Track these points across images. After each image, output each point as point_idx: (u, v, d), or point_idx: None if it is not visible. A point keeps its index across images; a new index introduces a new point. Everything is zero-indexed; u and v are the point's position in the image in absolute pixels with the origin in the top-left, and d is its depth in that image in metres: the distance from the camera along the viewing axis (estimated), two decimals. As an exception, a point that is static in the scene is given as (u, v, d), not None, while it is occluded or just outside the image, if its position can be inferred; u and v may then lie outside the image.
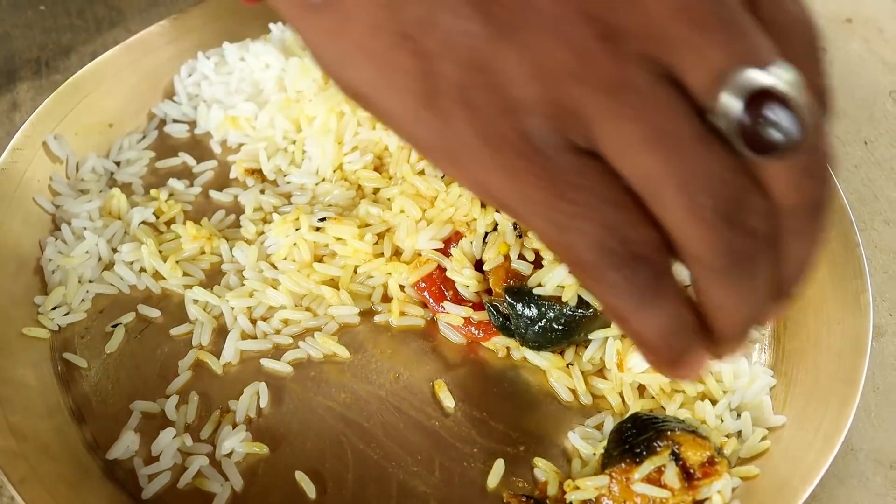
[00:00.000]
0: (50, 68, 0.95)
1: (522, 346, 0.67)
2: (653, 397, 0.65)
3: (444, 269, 0.69)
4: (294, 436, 0.65)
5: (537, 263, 0.66)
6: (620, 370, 0.64)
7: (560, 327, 0.63)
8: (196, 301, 0.71)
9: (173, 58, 0.86)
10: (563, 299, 0.63)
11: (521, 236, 0.66)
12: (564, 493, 0.58)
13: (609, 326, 0.65)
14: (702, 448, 0.56)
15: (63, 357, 0.68)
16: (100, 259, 0.73)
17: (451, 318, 0.68)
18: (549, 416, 0.66)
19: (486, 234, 0.69)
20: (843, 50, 1.03)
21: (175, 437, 0.63)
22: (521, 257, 0.66)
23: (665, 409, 0.64)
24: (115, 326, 0.70)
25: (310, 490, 0.62)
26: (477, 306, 0.69)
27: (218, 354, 0.68)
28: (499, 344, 0.68)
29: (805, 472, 0.58)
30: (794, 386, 0.66)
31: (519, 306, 0.64)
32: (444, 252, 0.70)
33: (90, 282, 0.72)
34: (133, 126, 0.84)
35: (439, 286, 0.69)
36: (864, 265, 0.69)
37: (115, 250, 0.73)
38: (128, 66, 0.84)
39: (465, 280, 0.68)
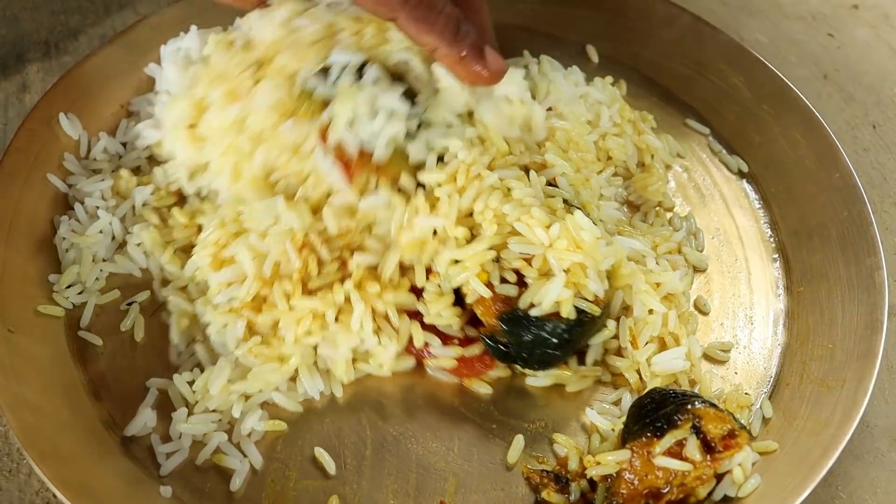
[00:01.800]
0: (59, 50, 0.94)
1: (525, 368, 0.65)
2: (656, 375, 0.65)
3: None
4: (312, 413, 0.65)
5: (520, 282, 0.62)
6: (635, 347, 0.64)
7: (562, 343, 0.61)
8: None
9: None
10: (563, 315, 0.60)
11: (497, 260, 0.62)
12: (585, 468, 0.58)
13: (604, 328, 0.65)
14: (722, 421, 0.56)
15: (78, 335, 0.68)
16: (113, 238, 0.73)
17: (442, 361, 0.65)
18: (566, 394, 0.66)
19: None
20: (851, 36, 1.03)
21: (189, 414, 0.63)
22: (503, 280, 0.62)
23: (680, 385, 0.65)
24: (129, 304, 0.70)
25: (329, 466, 0.62)
26: (464, 341, 0.65)
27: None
28: (493, 375, 0.66)
29: (825, 446, 0.58)
30: (811, 363, 0.67)
31: (518, 332, 0.61)
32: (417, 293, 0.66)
33: (104, 260, 0.72)
34: (145, 107, 0.83)
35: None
36: (878, 243, 0.69)
37: (128, 231, 0.73)
38: (141, 48, 0.83)
39: (447, 320, 0.64)
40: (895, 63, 1.00)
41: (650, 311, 0.66)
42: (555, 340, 0.60)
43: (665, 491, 0.55)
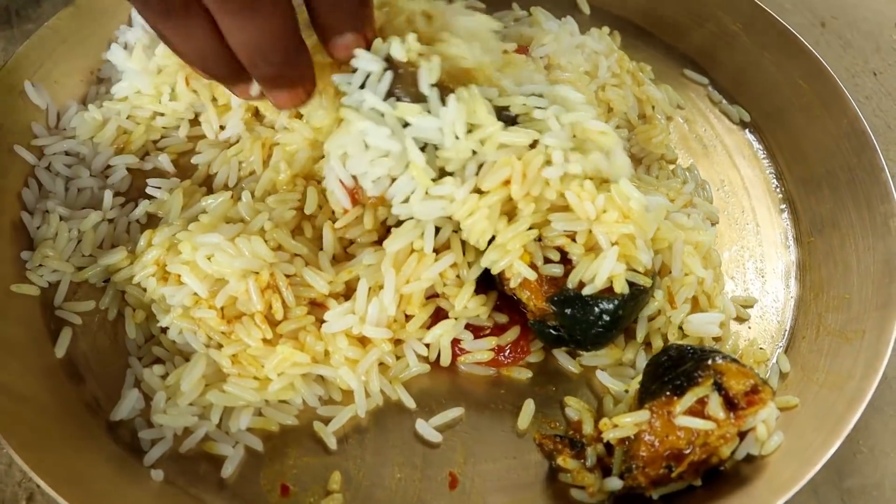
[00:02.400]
0: (21, 17, 0.89)
1: (578, 349, 0.62)
2: (686, 336, 0.62)
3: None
4: (310, 387, 0.61)
5: (564, 260, 0.59)
6: (673, 307, 0.61)
7: (615, 320, 0.57)
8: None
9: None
10: (617, 290, 0.57)
11: (539, 239, 0.59)
12: (601, 431, 0.56)
13: (652, 299, 0.61)
14: (745, 377, 0.54)
15: (56, 315, 0.63)
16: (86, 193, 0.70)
17: (477, 355, 0.62)
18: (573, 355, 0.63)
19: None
20: (846, -19, 1.00)
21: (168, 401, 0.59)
22: (547, 260, 0.59)
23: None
24: (106, 282, 0.66)
25: (330, 441, 0.58)
26: (496, 329, 0.62)
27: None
28: (532, 361, 0.63)
29: (849, 400, 0.56)
30: (827, 314, 0.64)
31: (572, 313, 0.58)
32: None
33: (80, 231, 0.67)
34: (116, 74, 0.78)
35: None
36: (891, 189, 0.67)
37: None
38: (107, 11, 0.78)
39: (474, 311, 0.61)
40: (892, 8, 0.98)
41: (687, 273, 0.62)
42: (608, 318, 0.57)
43: (687, 452, 0.53)
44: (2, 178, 0.68)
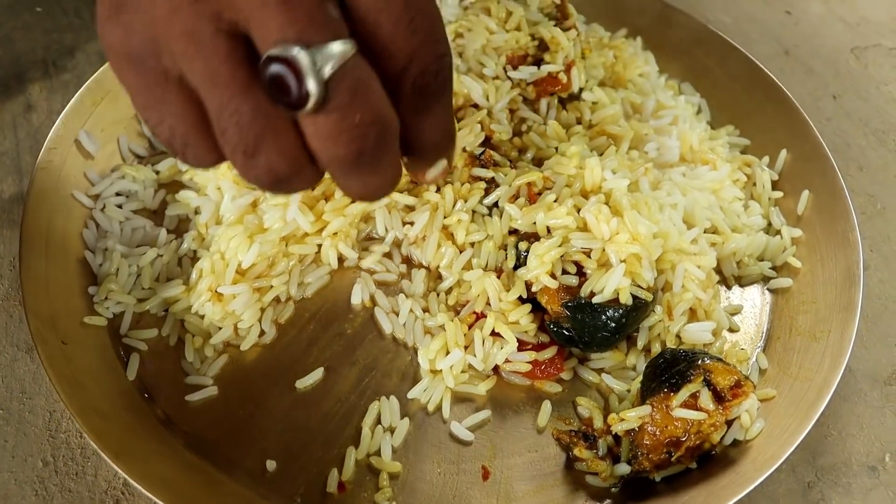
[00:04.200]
0: (58, 68, 0.97)
1: (585, 351, 0.71)
2: (683, 342, 0.72)
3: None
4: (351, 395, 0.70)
5: (578, 273, 0.68)
6: (670, 319, 0.71)
7: (619, 327, 0.67)
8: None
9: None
10: (622, 301, 0.66)
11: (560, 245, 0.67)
12: (610, 425, 0.65)
13: (652, 313, 0.70)
14: (730, 373, 0.63)
15: (123, 342, 0.72)
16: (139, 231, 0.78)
17: (518, 365, 0.70)
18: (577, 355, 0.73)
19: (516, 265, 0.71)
20: (806, 12, 1.11)
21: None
22: (564, 272, 0.68)
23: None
24: (166, 311, 0.74)
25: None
26: (537, 347, 0.70)
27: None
28: (564, 378, 0.71)
29: (818, 391, 0.66)
30: (798, 317, 0.74)
31: (581, 318, 0.67)
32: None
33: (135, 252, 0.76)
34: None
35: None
36: (849, 206, 0.77)
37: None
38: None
39: (525, 327, 0.69)
40: (848, 36, 1.08)
41: (686, 290, 0.71)
42: (612, 324, 0.66)
43: (684, 439, 0.62)
44: (66, 222, 0.76)
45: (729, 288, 0.78)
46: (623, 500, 0.65)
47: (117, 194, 0.80)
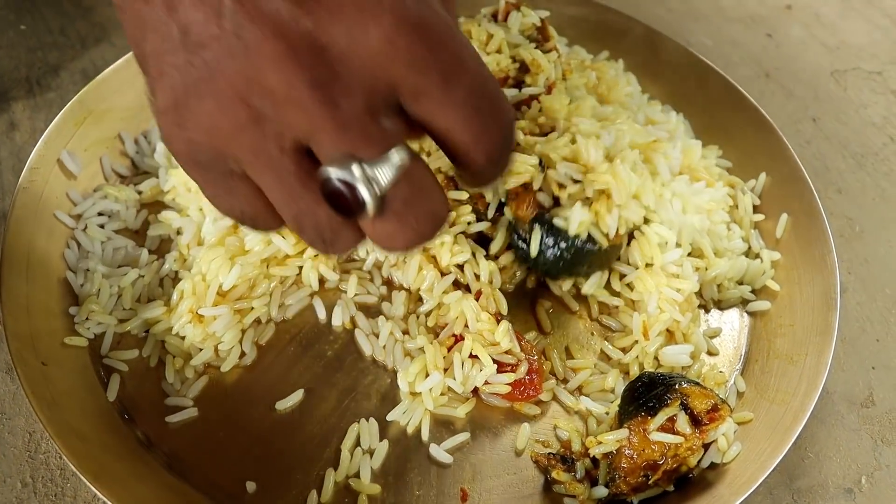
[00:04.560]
0: (42, 86, 0.97)
1: (533, 268, 0.74)
2: (661, 365, 0.73)
3: None
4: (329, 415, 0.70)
5: (555, 202, 0.72)
6: (646, 339, 0.71)
7: (569, 256, 0.71)
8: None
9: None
10: (578, 231, 0.70)
11: (543, 169, 0.71)
12: (587, 448, 0.65)
13: (605, 269, 0.74)
14: (706, 397, 0.64)
15: (104, 363, 0.71)
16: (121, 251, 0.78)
17: (497, 387, 0.70)
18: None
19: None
20: (786, 35, 1.12)
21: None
22: (541, 190, 0.72)
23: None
24: (147, 332, 0.74)
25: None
26: (512, 367, 0.70)
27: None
28: (543, 400, 0.71)
29: (794, 414, 0.66)
30: (775, 340, 0.75)
31: (541, 232, 0.71)
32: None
33: (119, 287, 0.75)
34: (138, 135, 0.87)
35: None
36: (827, 230, 0.78)
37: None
38: (128, 82, 0.86)
39: (503, 347, 0.69)
40: (828, 59, 1.10)
41: (662, 311, 0.73)
42: (562, 252, 0.71)
43: (661, 462, 0.63)
44: (48, 242, 0.76)
45: (708, 311, 0.78)
46: (601, 522, 0.65)
47: (99, 214, 0.80)
